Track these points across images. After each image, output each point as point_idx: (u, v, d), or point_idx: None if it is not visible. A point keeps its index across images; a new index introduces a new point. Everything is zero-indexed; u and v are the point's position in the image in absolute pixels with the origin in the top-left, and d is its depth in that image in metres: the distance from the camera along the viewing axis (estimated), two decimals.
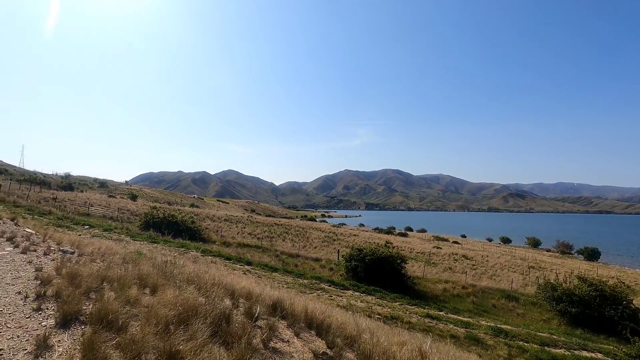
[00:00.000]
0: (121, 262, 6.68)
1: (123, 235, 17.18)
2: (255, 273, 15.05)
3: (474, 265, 33.51)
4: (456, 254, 38.82)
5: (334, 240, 37.78)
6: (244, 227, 35.56)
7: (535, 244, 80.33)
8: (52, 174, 69.12)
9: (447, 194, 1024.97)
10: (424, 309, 15.34)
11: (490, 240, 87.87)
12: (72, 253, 6.66)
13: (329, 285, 15.86)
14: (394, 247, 39.08)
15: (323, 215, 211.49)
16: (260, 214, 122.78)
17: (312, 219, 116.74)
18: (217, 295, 4.64)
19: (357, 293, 15.69)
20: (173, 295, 4.04)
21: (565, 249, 66.99)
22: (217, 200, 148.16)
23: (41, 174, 65.19)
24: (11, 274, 4.77)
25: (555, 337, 13.70)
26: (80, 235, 14.95)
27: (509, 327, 14.00)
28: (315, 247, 30.93)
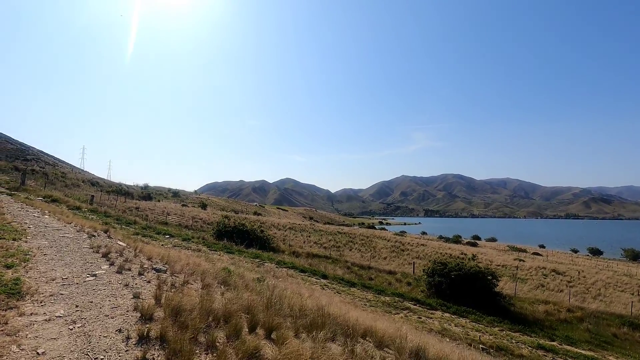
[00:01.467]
0: (215, 282, 6.02)
1: (200, 245, 17.35)
2: (333, 288, 14.02)
3: (569, 282, 29.02)
4: (544, 268, 34.19)
5: (402, 250, 35.60)
6: (309, 236, 35.07)
7: (634, 256, 69.03)
8: (134, 185, 76.14)
9: (516, 200, 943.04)
10: (531, 337, 12.99)
11: (575, 251, 77.59)
12: (165, 271, 6.15)
13: (414, 304, 14.25)
14: (467, 260, 35.80)
15: (381, 223, 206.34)
16: (318, 222, 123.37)
17: (372, 227, 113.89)
18: (366, 352, 3.55)
19: (447, 314, 13.86)
20: (298, 347, 3.05)
21: None
22: (277, 208, 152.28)
23: (125, 185, 72.12)
24: (109, 300, 4.21)
25: None
26: (163, 245, 15.27)
27: None
28: (385, 258, 29.22)
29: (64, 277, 4.96)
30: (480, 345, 10.57)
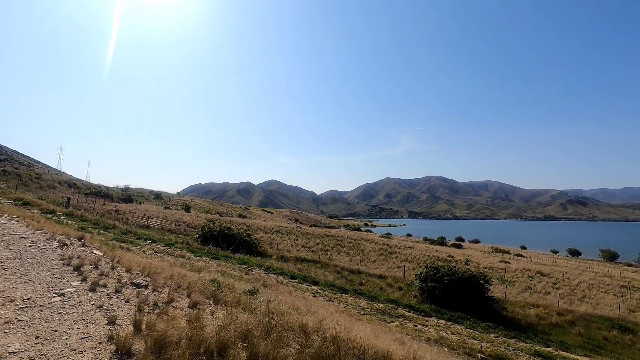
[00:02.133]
0: (204, 298, 5.36)
1: (184, 251, 16.49)
2: (326, 295, 13.45)
3: (554, 284, 29.38)
4: (529, 270, 34.59)
5: (390, 253, 35.35)
6: (296, 240, 34.39)
7: (611, 257, 71.27)
8: (114, 187, 73.61)
9: (497, 202, 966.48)
10: (527, 343, 12.75)
11: (555, 252, 79.63)
12: (146, 286, 5.44)
13: (408, 311, 13.82)
14: (456, 262, 35.88)
15: (366, 225, 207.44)
16: (304, 224, 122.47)
17: (358, 229, 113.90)
18: None
19: (441, 321, 13.50)
20: None
21: None
22: (262, 210, 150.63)
23: (104, 187, 69.59)
24: (78, 328, 3.52)
25: None
26: (144, 251, 14.36)
27: None
28: (374, 262, 28.84)
29: (25, 298, 4.22)
30: (480, 355, 10.20)
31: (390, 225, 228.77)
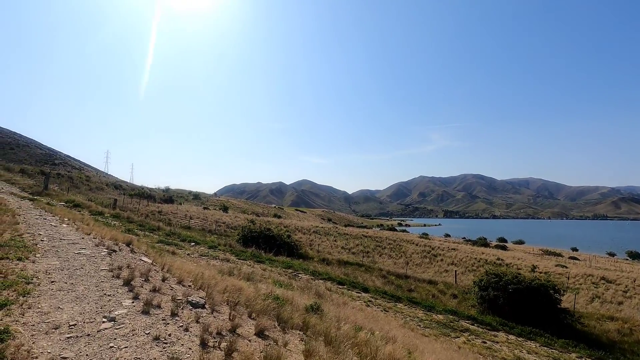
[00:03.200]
0: (269, 319, 4.51)
1: (228, 254, 16.06)
2: (379, 305, 12.38)
3: (624, 292, 26.27)
4: (591, 276, 31.36)
5: (434, 255, 33.48)
6: (335, 240, 33.46)
7: None
8: (155, 188, 76.58)
9: (539, 200, 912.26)
10: None
11: (612, 255, 72.91)
12: (203, 305, 4.69)
13: (472, 324, 12.42)
14: (507, 266, 33.35)
15: (400, 224, 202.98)
16: (337, 223, 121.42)
17: (393, 229, 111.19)
18: None
19: (511, 336, 11.98)
20: None
21: None
22: (295, 210, 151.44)
23: (147, 188, 72.55)
24: None
25: None
26: (189, 254, 14.02)
27: None
28: (419, 265, 27.29)
29: (71, 323, 3.55)
30: None
31: (425, 225, 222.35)
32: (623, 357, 12.03)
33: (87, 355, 2.98)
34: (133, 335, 3.41)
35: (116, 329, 3.51)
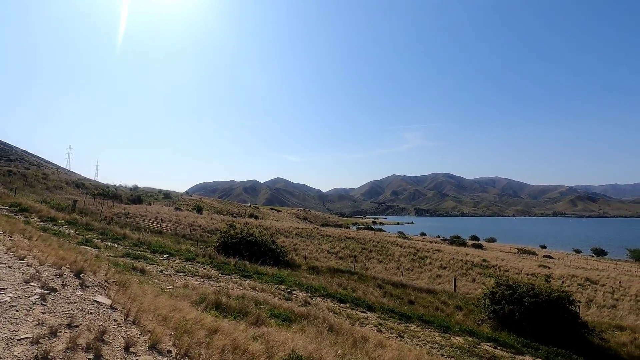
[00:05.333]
0: None
1: (208, 267, 13.75)
2: (390, 328, 10.61)
3: (611, 293, 26.23)
4: (575, 277, 31.38)
5: (422, 258, 32.37)
6: (320, 244, 31.56)
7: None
8: (122, 187, 71.53)
9: (505, 198, 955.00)
10: None
11: (578, 252, 75.96)
12: None
13: (494, 346, 10.93)
14: (494, 267, 32.83)
15: (374, 222, 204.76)
16: (313, 222, 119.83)
17: (370, 227, 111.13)
18: None
19: None
20: None
21: None
22: (270, 209, 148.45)
23: (113, 187, 67.49)
24: None
25: None
26: (162, 270, 11.63)
27: None
28: (411, 270, 25.94)
29: None
30: None
31: (399, 223, 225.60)
32: None
33: None
34: None
35: None
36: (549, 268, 35.43)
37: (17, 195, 24.18)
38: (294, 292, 12.44)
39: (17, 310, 4.04)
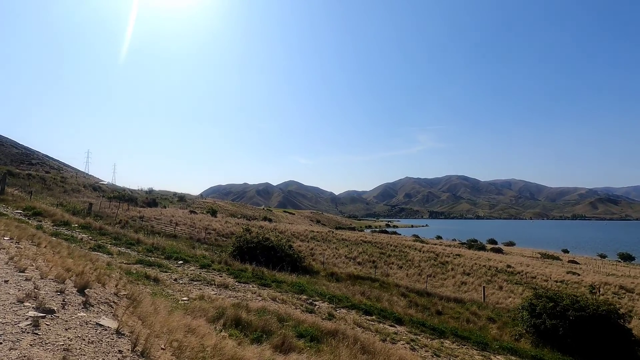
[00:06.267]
0: None
1: (224, 274, 13.02)
2: (424, 345, 9.62)
3: None
4: (608, 284, 29.57)
5: (443, 263, 31.08)
6: (337, 249, 30.59)
7: None
8: (138, 190, 72.21)
9: (521, 201, 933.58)
10: None
11: (603, 256, 72.57)
12: None
13: None
14: (519, 274, 31.25)
15: (388, 225, 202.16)
16: (326, 225, 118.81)
17: (384, 231, 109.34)
18: None
19: None
20: None
21: None
22: (284, 211, 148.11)
23: (129, 190, 68.17)
24: None
25: None
26: (176, 279, 10.93)
27: None
28: (433, 277, 24.73)
29: None
30: None
31: (412, 226, 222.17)
32: None
33: None
34: None
35: None
36: (578, 275, 33.55)
37: (33, 199, 24.09)
38: (315, 302, 11.58)
39: (2, 343, 3.29)
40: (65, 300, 4.74)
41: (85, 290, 5.37)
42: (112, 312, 4.94)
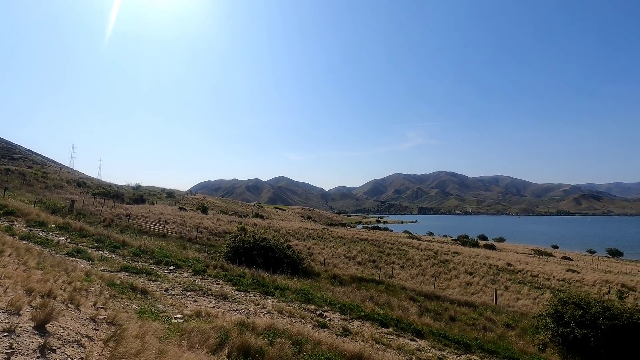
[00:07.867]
0: None
1: (222, 281, 11.64)
2: None
3: None
4: (609, 282, 29.14)
5: (443, 262, 30.21)
6: (335, 247, 29.39)
7: None
8: (125, 186, 69.68)
9: (508, 197, 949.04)
10: None
11: (592, 252, 73.20)
12: None
13: None
14: (521, 272, 30.61)
15: (378, 221, 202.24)
16: (317, 221, 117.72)
17: (376, 227, 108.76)
18: None
19: None
20: None
21: None
22: (274, 208, 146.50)
23: (115, 186, 65.66)
24: None
25: None
26: (167, 289, 9.52)
27: None
28: (437, 277, 23.74)
29: None
30: None
31: (402, 222, 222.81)
32: None
33: None
34: None
35: None
36: (578, 273, 33.11)
37: (9, 196, 22.15)
38: (326, 313, 10.33)
39: None
40: (14, 345, 3.35)
41: (47, 326, 3.97)
42: (81, 358, 3.57)
